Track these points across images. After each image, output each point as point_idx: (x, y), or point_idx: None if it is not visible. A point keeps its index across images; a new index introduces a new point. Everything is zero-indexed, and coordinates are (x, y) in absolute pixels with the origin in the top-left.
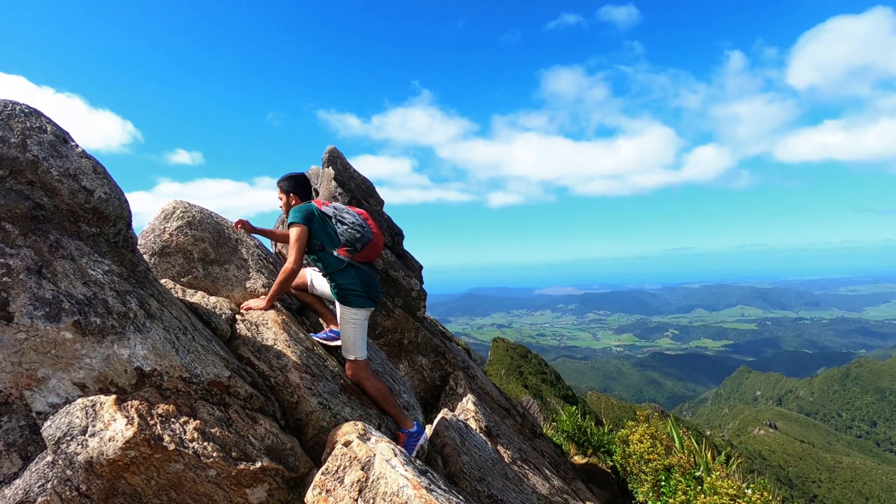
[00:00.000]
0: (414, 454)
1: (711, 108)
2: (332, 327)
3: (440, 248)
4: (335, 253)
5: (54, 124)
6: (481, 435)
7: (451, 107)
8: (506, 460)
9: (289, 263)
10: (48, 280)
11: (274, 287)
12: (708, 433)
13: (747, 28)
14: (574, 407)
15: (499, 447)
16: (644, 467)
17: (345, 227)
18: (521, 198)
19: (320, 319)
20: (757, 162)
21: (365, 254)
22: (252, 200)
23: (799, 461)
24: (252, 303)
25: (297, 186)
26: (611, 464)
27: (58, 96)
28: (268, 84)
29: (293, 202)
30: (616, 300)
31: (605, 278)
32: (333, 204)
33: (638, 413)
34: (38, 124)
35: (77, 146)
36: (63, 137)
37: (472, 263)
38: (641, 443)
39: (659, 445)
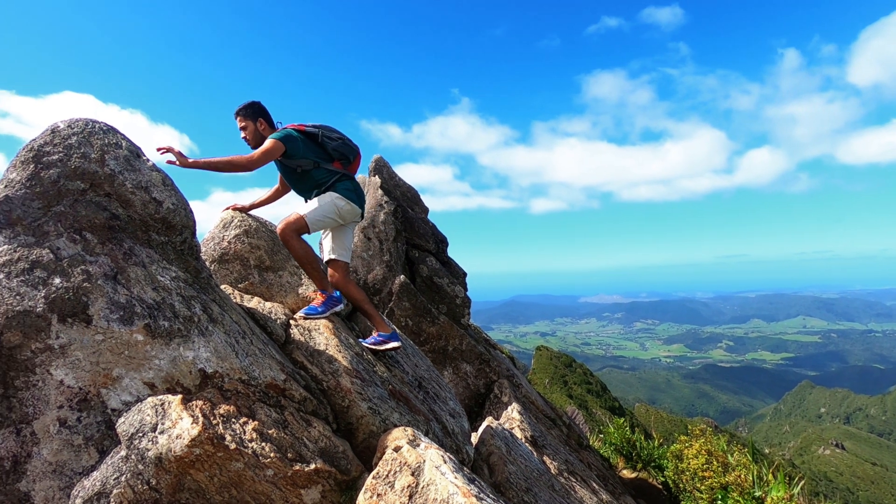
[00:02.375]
0: (327, 314)
1: (765, 109)
2: (381, 331)
3: (482, 255)
4: (330, 167)
5: (128, 140)
6: (527, 444)
7: (490, 114)
8: (552, 471)
9: (251, 155)
10: (122, 285)
11: (218, 159)
12: (767, 451)
13: (802, 25)
14: (622, 419)
15: (545, 458)
16: (699, 485)
17: (336, 142)
18: (563, 204)
19: (369, 323)
20: (817, 164)
21: (354, 167)
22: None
23: (870, 485)
24: (167, 150)
25: (262, 111)
26: (662, 480)
27: (122, 112)
28: (313, 96)
29: (262, 128)
30: (665, 309)
31: (653, 286)
32: (311, 122)
33: (691, 427)
34: (114, 140)
35: (148, 160)
36: (136, 152)
37: (515, 270)
38: (696, 459)
39: (715, 462)
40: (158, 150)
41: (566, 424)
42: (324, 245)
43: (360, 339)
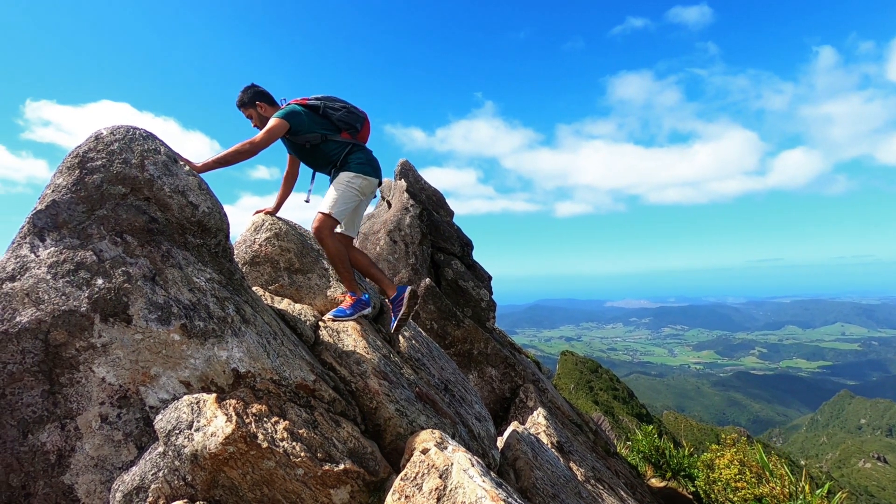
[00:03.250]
0: (355, 317)
1: (799, 109)
2: (352, 290)
3: (506, 259)
4: (339, 138)
5: (166, 146)
6: (553, 450)
7: (514, 117)
8: (579, 478)
9: (252, 139)
10: (160, 286)
11: (223, 153)
12: (803, 463)
13: (838, 22)
14: (650, 426)
15: (571, 464)
16: (731, 496)
17: (339, 112)
18: (589, 207)
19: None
20: (855, 165)
21: (363, 134)
22: None
23: None
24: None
25: (260, 94)
26: (692, 489)
27: (156, 120)
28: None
29: (262, 110)
30: (694, 314)
31: (682, 291)
32: (312, 95)
33: (723, 436)
34: (153, 146)
35: (184, 165)
36: (174, 158)
37: (539, 274)
38: (729, 468)
39: (748, 473)
40: None
41: (592, 431)
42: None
43: (332, 312)
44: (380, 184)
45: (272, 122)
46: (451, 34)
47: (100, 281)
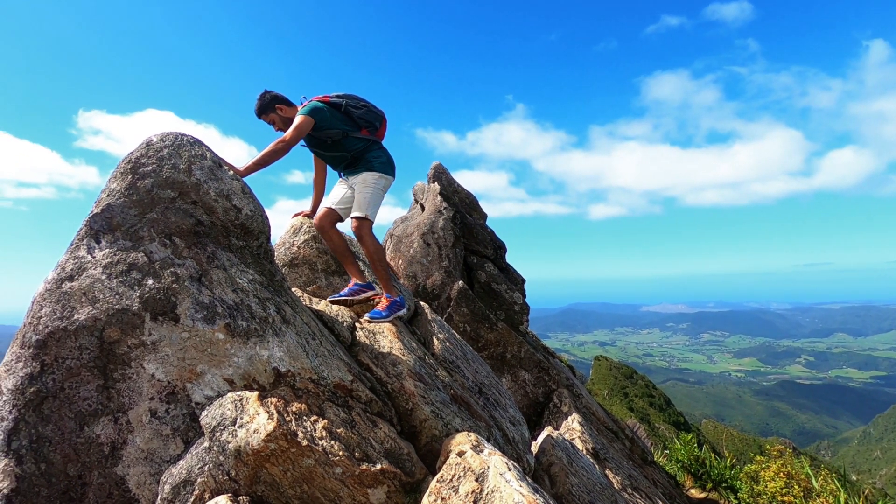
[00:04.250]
0: (391, 318)
1: (848, 106)
2: (356, 281)
3: (538, 262)
4: (359, 135)
5: (212, 151)
6: (588, 457)
7: (545, 119)
8: (615, 486)
9: (283, 137)
10: (206, 287)
11: (260, 155)
12: (854, 478)
13: (891, 15)
14: (689, 434)
15: (607, 471)
16: None
17: (360, 110)
18: (623, 209)
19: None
20: None
21: (381, 132)
22: None
23: None
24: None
25: (277, 98)
26: (734, 502)
27: (198, 127)
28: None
29: (283, 113)
30: (736, 320)
31: (722, 296)
32: (335, 93)
33: (768, 447)
34: (200, 152)
35: (228, 170)
36: (219, 163)
37: (572, 277)
38: (775, 481)
39: (796, 486)
40: None
41: (629, 438)
42: (340, 198)
43: (333, 296)
44: (394, 179)
45: (298, 118)
46: (482, 38)
47: (150, 281)
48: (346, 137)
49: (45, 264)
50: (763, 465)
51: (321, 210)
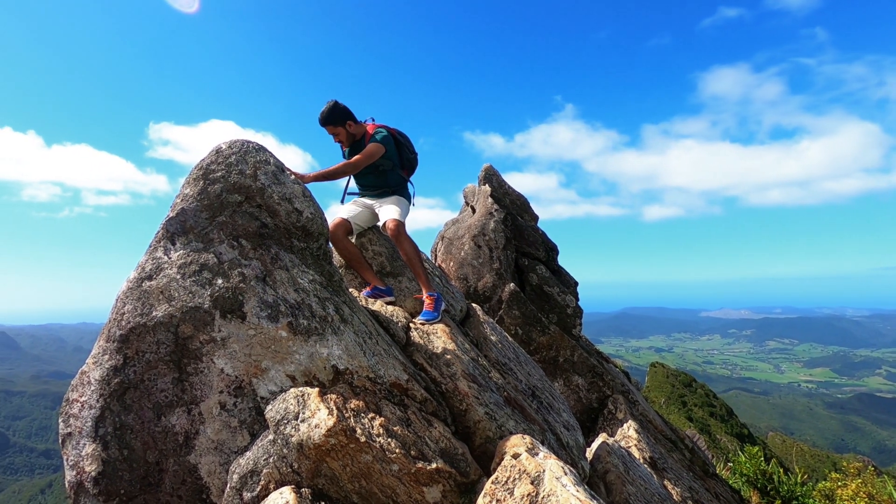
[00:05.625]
0: (440, 316)
1: None
2: (377, 284)
3: (590, 264)
4: (401, 173)
5: (275, 157)
6: (646, 466)
7: (596, 119)
8: (675, 498)
9: (356, 161)
10: (270, 286)
11: (327, 169)
12: None
13: None
14: (755, 447)
15: (666, 482)
16: None
17: (412, 155)
18: (680, 210)
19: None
20: None
21: (411, 175)
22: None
23: None
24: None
25: (347, 113)
26: None
27: (257, 135)
28: (419, 111)
29: (351, 129)
30: (806, 327)
31: (790, 301)
32: (398, 130)
33: (844, 465)
34: (264, 158)
35: (291, 174)
36: (281, 168)
37: (626, 280)
38: (854, 501)
39: None
40: None
41: (689, 448)
42: (381, 213)
43: (364, 292)
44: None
45: (374, 147)
46: (528, 40)
47: (219, 281)
48: (392, 170)
49: (120, 266)
50: (840, 484)
51: (336, 219)
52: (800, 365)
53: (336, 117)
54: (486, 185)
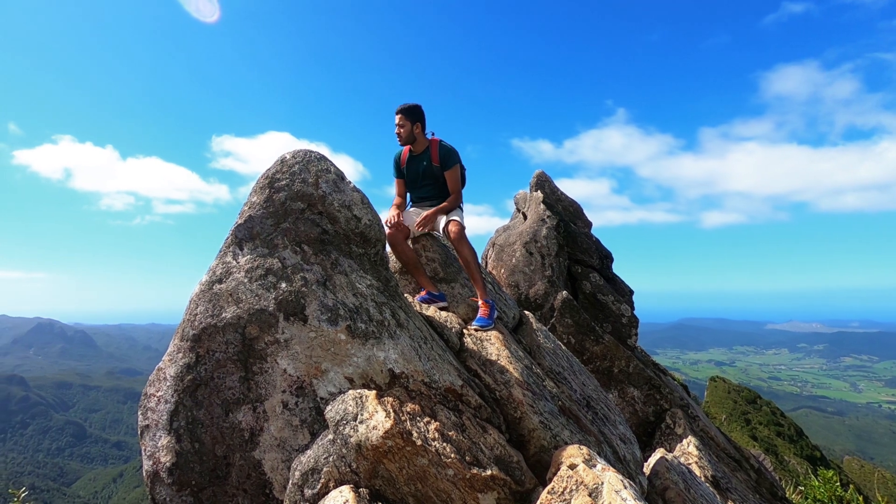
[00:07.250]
0: (494, 323)
1: None
2: (431, 290)
3: (645, 272)
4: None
5: (335, 166)
6: (707, 485)
7: (649, 123)
8: None
9: (458, 190)
10: (330, 290)
11: (443, 205)
12: None
13: None
14: (830, 471)
15: (729, 503)
16: None
17: (464, 171)
18: (742, 216)
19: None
20: None
21: (464, 187)
22: None
23: None
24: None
25: (422, 116)
26: None
27: (311, 145)
28: (467, 119)
29: (417, 131)
30: (887, 343)
31: (869, 314)
32: (448, 141)
33: None
34: (325, 167)
35: (350, 182)
36: (341, 176)
37: (684, 290)
38: None
39: None
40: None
41: (754, 469)
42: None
43: (417, 297)
44: None
45: (459, 170)
46: (578, 44)
47: (283, 285)
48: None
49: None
50: None
51: (396, 224)
52: (880, 384)
53: (413, 114)
54: (538, 192)
